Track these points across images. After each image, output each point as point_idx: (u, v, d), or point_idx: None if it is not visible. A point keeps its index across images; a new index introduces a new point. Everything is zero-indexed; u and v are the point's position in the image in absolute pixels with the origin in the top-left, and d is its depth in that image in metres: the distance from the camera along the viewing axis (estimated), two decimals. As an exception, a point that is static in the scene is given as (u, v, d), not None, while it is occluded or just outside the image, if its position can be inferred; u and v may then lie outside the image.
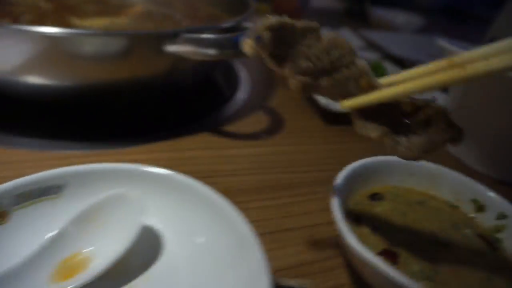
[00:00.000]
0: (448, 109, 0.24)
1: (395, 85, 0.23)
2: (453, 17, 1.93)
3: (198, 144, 0.48)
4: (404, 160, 0.28)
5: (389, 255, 0.30)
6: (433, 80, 0.21)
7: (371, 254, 0.26)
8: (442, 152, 0.56)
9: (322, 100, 0.55)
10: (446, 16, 1.89)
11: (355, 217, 0.33)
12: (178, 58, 0.44)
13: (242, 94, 0.63)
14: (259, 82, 0.69)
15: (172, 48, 0.42)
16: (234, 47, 0.43)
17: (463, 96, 0.53)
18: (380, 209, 0.35)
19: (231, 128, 0.53)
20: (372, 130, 0.23)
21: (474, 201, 0.36)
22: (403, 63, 0.86)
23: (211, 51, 0.42)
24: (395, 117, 0.23)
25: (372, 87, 0.23)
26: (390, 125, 0.23)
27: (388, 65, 0.82)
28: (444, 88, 0.24)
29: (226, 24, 0.49)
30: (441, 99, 0.67)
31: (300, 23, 0.22)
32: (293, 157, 0.48)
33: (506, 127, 0.49)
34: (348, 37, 1.00)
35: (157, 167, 0.41)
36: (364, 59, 0.26)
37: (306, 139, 0.53)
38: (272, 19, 0.22)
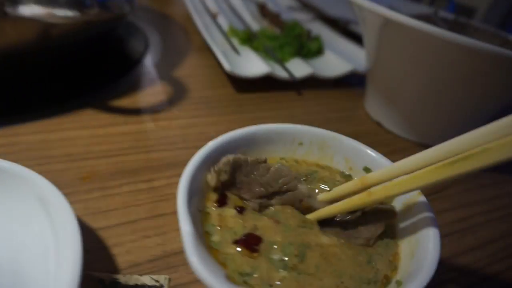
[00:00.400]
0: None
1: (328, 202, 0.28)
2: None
3: (77, 123, 0.41)
4: (292, 128, 0.33)
5: (250, 242, 0.25)
6: (350, 204, 0.26)
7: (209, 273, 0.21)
8: (363, 116, 0.53)
9: (227, 65, 0.50)
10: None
11: (222, 199, 0.28)
12: (37, 24, 0.37)
13: (148, 62, 0.57)
14: (171, 49, 0.62)
15: (18, 10, 0.35)
16: (99, 5, 0.37)
17: (378, 56, 0.48)
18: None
19: (124, 102, 0.46)
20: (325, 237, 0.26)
21: (366, 169, 0.32)
22: (337, 23, 0.81)
23: (69, 12, 0.36)
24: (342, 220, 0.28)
25: (310, 208, 0.28)
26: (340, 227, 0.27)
27: (318, 26, 0.77)
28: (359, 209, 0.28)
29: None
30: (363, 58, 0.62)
31: (251, 158, 0.28)
32: (189, 131, 0.43)
33: (421, 88, 0.45)
34: (281, -3, 0.93)
35: (10, 153, 0.36)
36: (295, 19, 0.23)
37: (208, 110, 0.48)
38: (230, 157, 0.27)
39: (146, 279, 0.26)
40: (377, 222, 0.27)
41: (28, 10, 0.35)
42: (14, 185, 0.26)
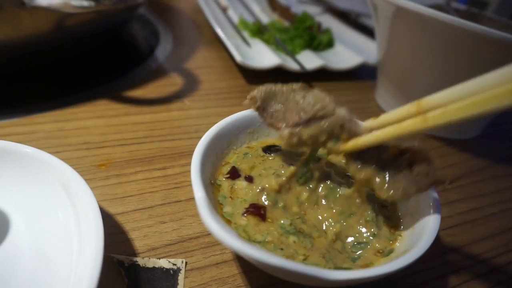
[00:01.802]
0: (430, 155, 0.25)
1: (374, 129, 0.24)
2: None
3: (92, 113, 0.42)
4: None
5: (257, 211, 0.25)
6: (398, 130, 0.22)
7: (224, 232, 0.21)
8: (374, 108, 0.53)
9: (238, 56, 0.50)
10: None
11: (233, 172, 0.29)
12: (52, 14, 0.38)
13: (159, 54, 0.57)
14: (182, 41, 0.63)
15: (34, 0, 0.35)
16: (115, -4, 0.37)
17: (390, 47, 0.48)
18: (269, 161, 0.31)
19: (137, 93, 0.47)
20: (360, 172, 0.25)
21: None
22: (347, 16, 0.81)
23: (85, 2, 0.36)
24: (382, 159, 0.25)
25: (352, 136, 0.25)
26: (377, 166, 0.25)
27: (329, 19, 0.77)
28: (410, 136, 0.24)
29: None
30: (374, 50, 0.62)
31: (286, 87, 0.27)
32: (200, 122, 0.43)
33: (433, 79, 0.45)
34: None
35: (30, 140, 0.36)
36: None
37: (221, 101, 0.48)
38: (262, 87, 0.27)
39: (164, 262, 0.27)
40: (421, 184, 0.24)
41: (44, 1, 0.36)
42: (38, 170, 0.27)
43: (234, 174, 0.29)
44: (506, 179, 0.44)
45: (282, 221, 0.25)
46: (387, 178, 0.24)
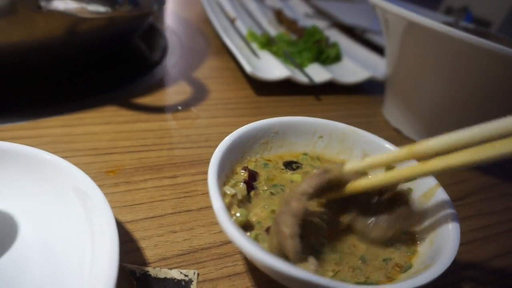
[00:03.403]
0: (410, 193, 0.26)
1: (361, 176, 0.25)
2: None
3: (100, 119, 0.42)
4: (313, 121, 0.34)
5: None
6: (397, 175, 0.23)
7: (248, 242, 0.21)
8: (381, 123, 0.53)
9: (248, 67, 0.50)
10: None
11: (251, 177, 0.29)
12: (68, 18, 0.38)
13: (168, 62, 0.57)
14: (190, 50, 0.63)
15: (51, 4, 0.35)
16: (131, 2, 0.37)
17: (399, 62, 0.49)
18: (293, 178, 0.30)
19: (146, 100, 0.47)
20: (344, 217, 0.26)
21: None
22: (352, 31, 0.82)
23: (101, 8, 0.36)
24: (363, 201, 0.26)
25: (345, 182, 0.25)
26: (360, 209, 0.26)
27: (335, 33, 0.77)
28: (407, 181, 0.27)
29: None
30: (381, 65, 0.63)
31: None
32: (209, 131, 0.43)
33: (443, 95, 0.45)
34: (297, 5, 0.94)
35: (38, 144, 0.36)
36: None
37: (230, 111, 0.48)
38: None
39: (175, 273, 0.26)
40: (398, 222, 0.25)
41: (62, 5, 0.36)
42: (49, 175, 0.26)
43: (251, 179, 0.28)
44: (516, 197, 0.44)
45: (310, 241, 0.24)
46: (368, 222, 0.25)
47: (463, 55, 0.40)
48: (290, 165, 0.32)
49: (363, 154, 0.34)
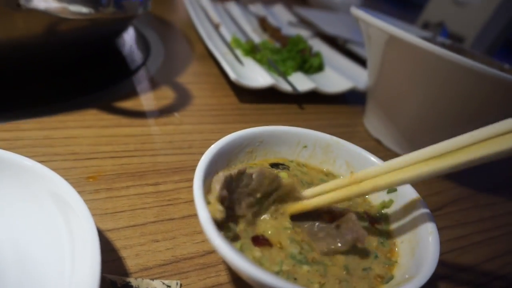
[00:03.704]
0: (353, 216, 0.28)
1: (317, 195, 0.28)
2: (393, 2, 1.95)
3: (81, 122, 0.41)
4: (298, 131, 0.34)
5: (263, 241, 0.25)
6: (337, 195, 0.27)
7: (230, 249, 0.21)
8: (362, 133, 0.53)
9: (233, 74, 0.50)
10: (386, 2, 1.91)
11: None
12: (48, 18, 0.36)
13: (151, 67, 0.56)
14: (173, 55, 0.62)
15: (31, 2, 0.34)
16: (116, 4, 0.36)
17: (381, 73, 0.50)
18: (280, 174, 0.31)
19: (128, 104, 0.46)
20: (299, 235, 0.27)
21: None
22: (335, 41, 0.83)
23: (84, 9, 0.35)
24: (317, 225, 0.28)
25: (298, 198, 0.28)
26: (313, 230, 0.28)
27: (318, 43, 0.78)
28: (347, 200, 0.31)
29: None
30: (362, 76, 0.64)
31: (233, 171, 0.27)
32: (192, 138, 0.42)
33: (422, 107, 0.46)
34: (281, 13, 0.95)
35: (14, 148, 0.35)
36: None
37: (214, 118, 0.47)
38: (220, 175, 0.27)
39: (158, 284, 0.25)
40: (342, 240, 0.27)
41: (42, 4, 0.34)
42: (25, 180, 0.25)
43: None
44: (489, 208, 0.45)
45: (291, 250, 0.24)
46: (319, 239, 0.27)
47: (440, 69, 0.41)
48: (277, 166, 0.32)
49: (346, 164, 0.35)
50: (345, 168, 0.34)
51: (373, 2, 1.47)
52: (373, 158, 0.33)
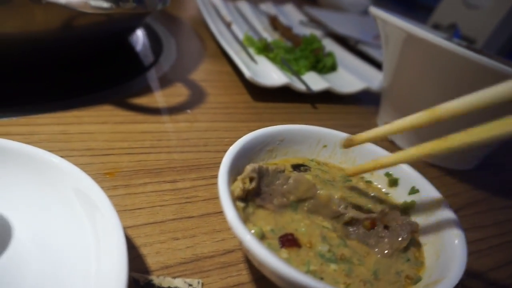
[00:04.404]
0: (399, 213, 0.28)
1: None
2: (402, 4, 1.94)
3: (97, 118, 0.40)
4: (318, 130, 0.34)
5: (292, 241, 0.25)
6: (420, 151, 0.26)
7: (260, 246, 0.20)
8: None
9: (248, 72, 0.50)
10: (395, 3, 1.90)
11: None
12: (67, 12, 0.36)
13: (163, 64, 0.56)
14: (185, 52, 0.62)
15: (51, -4, 0.34)
16: (136, 0, 0.36)
17: (397, 73, 0.49)
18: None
19: (142, 100, 0.45)
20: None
21: (387, 174, 0.33)
22: (346, 42, 0.82)
23: (104, 3, 0.35)
24: (362, 232, 0.27)
25: (334, 212, 0.27)
26: (362, 238, 0.27)
27: (329, 43, 0.78)
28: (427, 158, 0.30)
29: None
30: (375, 77, 0.63)
31: (271, 167, 0.28)
32: (207, 136, 0.42)
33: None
34: (291, 12, 0.94)
35: (31, 142, 0.34)
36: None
37: (228, 116, 0.47)
38: (255, 165, 0.27)
39: (179, 282, 0.25)
40: (401, 235, 0.27)
41: (63, -2, 0.34)
42: (50, 175, 0.25)
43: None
44: (505, 212, 0.45)
45: (320, 248, 0.24)
46: (375, 244, 0.27)
47: (458, 68, 0.41)
48: (298, 167, 0.32)
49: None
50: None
51: (381, 4, 1.47)
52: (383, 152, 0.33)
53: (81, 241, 0.23)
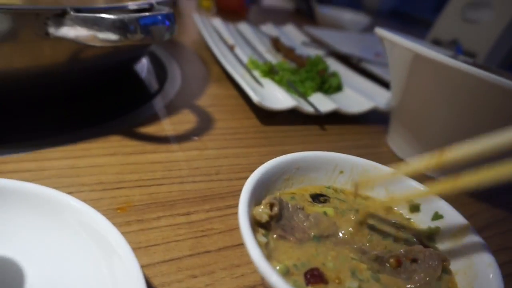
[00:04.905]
0: (421, 246, 0.27)
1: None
2: (398, 19, 1.97)
3: (105, 149, 0.40)
4: (334, 156, 0.33)
5: (317, 274, 0.23)
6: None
7: (286, 286, 0.19)
8: (387, 153, 0.52)
9: (255, 96, 0.49)
10: (392, 18, 1.93)
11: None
12: (75, 44, 0.36)
13: (169, 90, 0.56)
14: (190, 77, 0.62)
15: (60, 31, 0.34)
16: (143, 31, 0.36)
17: (406, 93, 0.49)
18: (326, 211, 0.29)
19: (150, 129, 0.45)
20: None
21: (408, 199, 0.32)
22: (348, 60, 0.83)
23: (112, 36, 0.35)
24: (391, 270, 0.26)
25: (358, 250, 0.26)
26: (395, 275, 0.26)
27: (333, 62, 0.78)
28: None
29: (134, 4, 0.41)
30: (381, 95, 0.63)
31: (291, 202, 0.28)
32: (218, 163, 0.41)
33: (450, 127, 0.45)
34: (292, 33, 0.95)
35: (40, 179, 0.33)
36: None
37: (237, 141, 0.46)
38: (276, 195, 0.28)
39: (201, 325, 0.24)
40: (433, 265, 0.26)
41: (72, 32, 0.34)
42: (58, 215, 0.24)
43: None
44: (527, 231, 0.43)
45: (349, 284, 0.23)
46: (406, 278, 0.25)
47: (469, 87, 0.40)
48: (318, 198, 0.31)
49: (385, 189, 0.33)
50: (384, 194, 0.33)
51: (379, 20, 1.49)
52: (413, 183, 0.32)
53: (97, 284, 0.22)
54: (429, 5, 2.28)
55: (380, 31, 0.46)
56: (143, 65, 0.63)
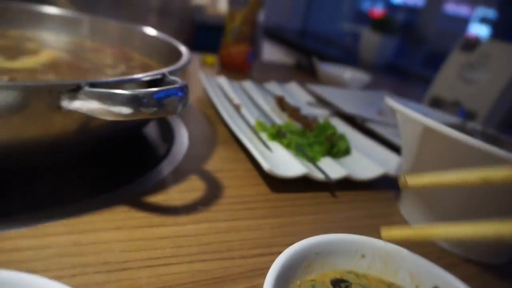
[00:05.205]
0: None
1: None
2: (393, 73, 2.03)
3: (111, 222, 0.38)
4: (355, 239, 0.32)
5: None
6: None
7: None
8: (401, 224, 0.51)
9: (266, 164, 0.48)
10: (388, 72, 1.99)
11: None
12: (86, 117, 0.35)
13: (176, 155, 0.55)
14: (197, 139, 0.61)
15: (73, 104, 0.33)
16: (156, 104, 0.35)
17: (418, 165, 0.48)
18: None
19: (158, 198, 0.43)
20: None
21: None
22: (353, 120, 0.83)
23: (126, 110, 0.34)
24: None
25: None
26: None
27: (338, 122, 0.78)
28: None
29: (146, 76, 0.41)
30: (389, 160, 0.62)
31: None
32: (230, 238, 0.39)
33: (464, 200, 0.44)
34: (296, 91, 0.96)
35: (40, 259, 0.31)
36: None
37: (248, 212, 0.45)
38: None
39: None
40: None
41: (85, 106, 0.33)
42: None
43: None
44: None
45: None
46: None
47: (482, 162, 0.39)
48: (338, 284, 0.29)
49: (410, 277, 0.31)
50: (409, 282, 0.31)
51: (377, 76, 1.52)
52: (440, 271, 0.30)
53: None
54: (420, 59, 2.39)
55: (392, 104, 0.46)
56: (150, 126, 0.62)
